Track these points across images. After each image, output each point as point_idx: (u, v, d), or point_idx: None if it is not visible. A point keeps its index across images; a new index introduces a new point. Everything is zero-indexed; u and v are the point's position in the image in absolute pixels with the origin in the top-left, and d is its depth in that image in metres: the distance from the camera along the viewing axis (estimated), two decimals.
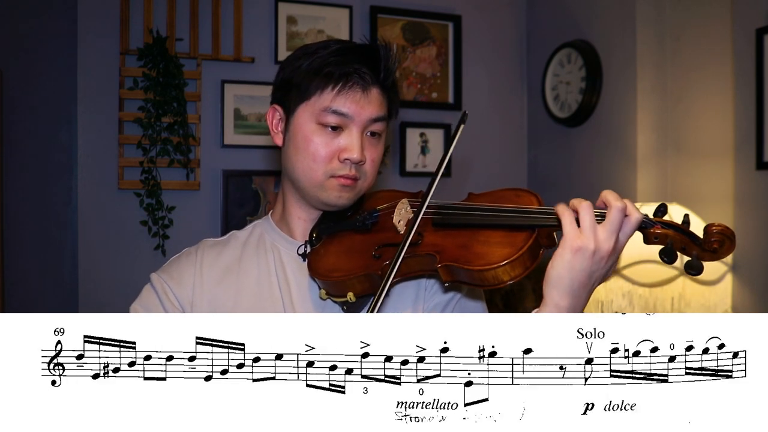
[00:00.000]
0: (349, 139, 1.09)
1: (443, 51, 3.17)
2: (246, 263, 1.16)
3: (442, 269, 0.97)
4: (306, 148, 1.09)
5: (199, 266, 1.15)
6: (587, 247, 0.88)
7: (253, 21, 2.88)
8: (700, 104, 2.45)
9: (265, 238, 1.20)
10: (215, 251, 1.18)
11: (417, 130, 3.10)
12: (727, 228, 0.91)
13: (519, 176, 3.30)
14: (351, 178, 1.10)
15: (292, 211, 1.18)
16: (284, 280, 1.13)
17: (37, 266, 2.77)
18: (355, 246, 1.09)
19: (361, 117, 1.09)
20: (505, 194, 1.06)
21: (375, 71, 1.10)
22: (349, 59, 1.08)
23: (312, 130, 1.09)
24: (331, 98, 1.07)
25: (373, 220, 1.12)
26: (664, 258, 0.91)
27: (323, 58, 1.08)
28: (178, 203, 2.76)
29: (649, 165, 2.57)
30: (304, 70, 1.09)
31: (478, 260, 0.94)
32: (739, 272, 2.22)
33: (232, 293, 1.12)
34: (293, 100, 1.12)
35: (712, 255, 0.91)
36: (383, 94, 1.12)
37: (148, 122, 2.64)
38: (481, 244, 0.97)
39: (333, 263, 1.07)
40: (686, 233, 0.92)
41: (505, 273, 0.93)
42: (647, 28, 2.58)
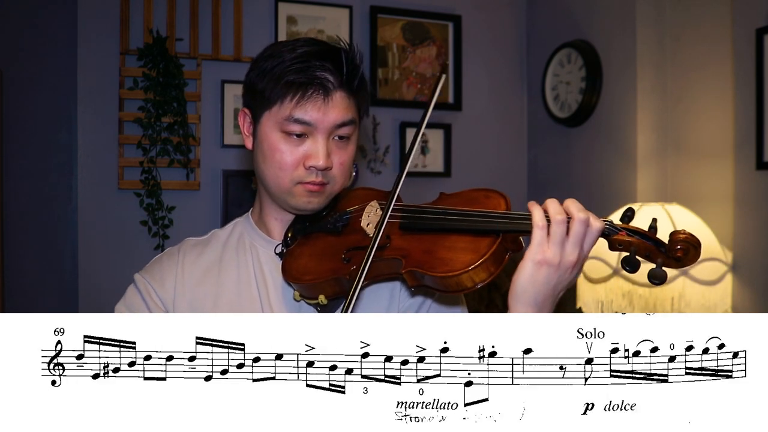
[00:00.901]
0: (313, 147, 1.08)
1: (443, 51, 3.17)
2: (226, 263, 1.17)
3: (407, 274, 0.97)
4: (272, 156, 1.09)
5: (180, 266, 1.16)
6: (553, 261, 0.89)
7: (253, 21, 2.88)
8: (700, 104, 2.45)
9: (245, 237, 1.21)
10: (196, 251, 1.20)
11: None
12: (692, 236, 0.89)
13: (519, 176, 3.30)
14: (318, 184, 1.10)
15: (267, 211, 1.20)
16: (262, 280, 1.14)
17: (37, 266, 2.77)
18: (326, 249, 1.09)
19: (324, 124, 1.08)
20: (474, 195, 1.06)
21: (338, 75, 1.08)
22: (310, 66, 1.07)
23: (277, 138, 1.09)
24: (292, 107, 1.06)
25: (343, 222, 1.12)
26: (625, 267, 0.89)
27: (284, 65, 1.07)
28: (178, 203, 2.76)
29: (649, 165, 2.57)
30: (267, 76, 1.09)
31: (441, 266, 0.94)
32: (739, 272, 2.22)
33: (212, 293, 1.14)
34: (258, 107, 1.12)
35: (676, 263, 0.90)
36: (349, 97, 1.10)
37: (148, 122, 2.64)
38: (446, 249, 0.96)
39: (304, 266, 1.08)
40: (651, 240, 0.91)
41: (468, 279, 0.93)
42: (647, 28, 2.58)
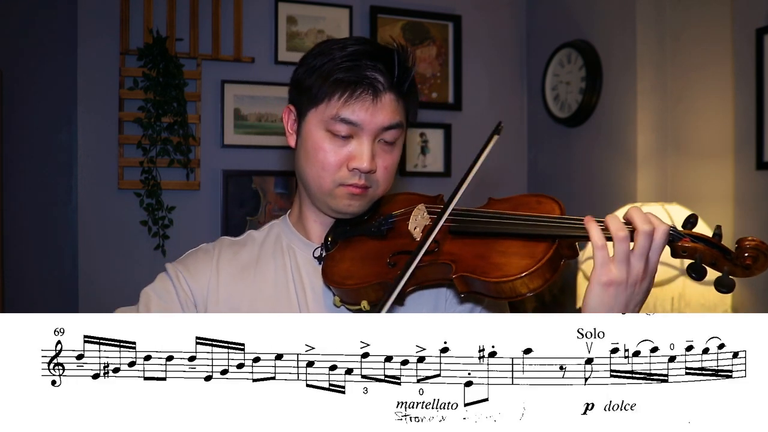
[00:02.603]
0: (358, 148, 1.05)
1: (443, 51, 3.17)
2: (263, 264, 1.14)
3: (457, 279, 0.93)
4: (315, 155, 1.07)
5: (216, 263, 1.13)
6: (620, 280, 0.85)
7: (253, 21, 2.88)
8: (700, 104, 2.45)
9: (281, 239, 1.18)
10: (233, 250, 1.16)
11: (417, 130, 3.10)
12: (763, 243, 0.85)
13: (519, 176, 3.30)
14: (360, 187, 1.07)
15: (307, 213, 1.17)
16: (300, 284, 1.11)
17: (37, 266, 2.77)
18: (370, 253, 1.06)
19: (371, 126, 1.05)
20: (526, 200, 1.02)
21: (388, 77, 1.05)
22: (360, 65, 1.04)
23: (321, 137, 1.06)
24: (339, 106, 1.04)
25: (388, 226, 1.09)
26: (692, 275, 0.87)
27: (334, 63, 1.04)
28: (178, 203, 2.75)
29: (649, 165, 2.57)
30: (315, 73, 1.06)
31: (494, 271, 0.90)
32: None
33: (248, 294, 1.10)
34: (304, 104, 1.09)
35: (744, 271, 0.86)
36: (397, 100, 1.08)
37: (148, 122, 2.64)
38: (499, 254, 0.93)
39: (347, 270, 1.05)
40: (717, 247, 0.87)
41: (523, 285, 0.89)
42: (647, 28, 2.58)
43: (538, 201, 1.01)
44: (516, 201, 1.04)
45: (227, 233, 2.77)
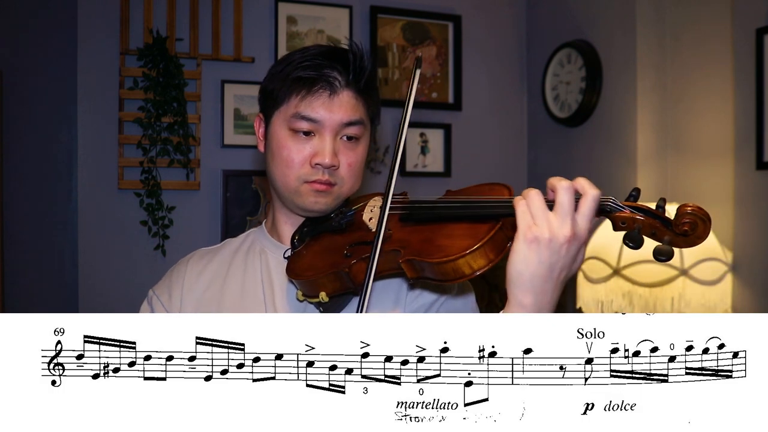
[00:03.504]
0: (320, 144, 1.09)
1: (443, 51, 3.17)
2: (234, 269, 1.19)
3: (405, 264, 0.95)
4: (280, 154, 1.11)
5: (186, 279, 1.19)
6: (542, 236, 0.84)
7: (253, 21, 2.88)
8: (700, 104, 2.45)
9: (256, 244, 1.22)
10: (204, 261, 1.22)
11: (417, 130, 3.10)
12: (701, 209, 0.85)
13: (519, 176, 3.30)
14: (325, 183, 1.10)
15: (279, 216, 1.20)
16: (269, 283, 1.15)
17: (37, 266, 2.77)
18: (330, 246, 1.09)
19: (330, 121, 1.08)
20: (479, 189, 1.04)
21: (345, 75, 1.09)
22: (318, 64, 1.08)
23: (284, 136, 1.10)
24: (298, 103, 1.08)
25: (347, 219, 1.12)
26: (628, 243, 0.84)
27: (293, 65, 1.09)
28: (178, 203, 2.76)
29: (649, 165, 2.57)
30: (277, 77, 1.11)
31: (437, 253, 0.92)
32: (739, 272, 2.22)
33: (216, 300, 1.15)
34: (269, 108, 1.14)
35: (684, 240, 0.86)
36: (357, 97, 1.11)
37: (148, 122, 2.64)
38: (445, 237, 0.95)
39: (307, 263, 1.08)
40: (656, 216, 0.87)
41: (465, 265, 0.90)
42: (647, 28, 2.58)
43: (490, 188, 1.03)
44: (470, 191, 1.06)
45: (227, 233, 2.77)
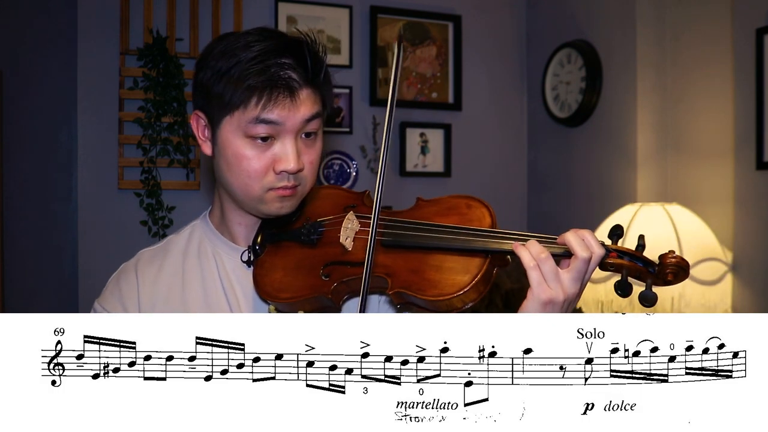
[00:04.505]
0: (282, 150, 1.01)
1: (443, 51, 3.17)
2: (189, 275, 1.10)
3: (393, 295, 0.94)
4: (238, 164, 1.01)
5: (140, 288, 1.10)
6: (557, 298, 0.88)
7: (253, 21, 2.88)
8: (700, 104, 2.45)
9: (205, 244, 1.13)
10: (155, 266, 1.12)
11: (417, 130, 3.10)
12: (682, 259, 0.91)
13: (519, 176, 3.30)
14: (290, 188, 1.03)
15: (230, 215, 1.12)
16: (231, 291, 1.08)
17: (37, 266, 2.77)
18: (302, 262, 1.04)
19: (292, 122, 1.00)
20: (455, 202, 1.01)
21: (301, 72, 1.01)
22: (271, 65, 0.98)
23: (241, 144, 1.01)
24: (258, 111, 0.99)
25: (317, 234, 1.05)
26: (618, 292, 0.90)
27: (242, 67, 0.98)
28: (178, 203, 2.75)
29: (649, 165, 2.57)
30: (224, 78, 1.00)
31: (430, 289, 0.91)
32: (739, 272, 2.22)
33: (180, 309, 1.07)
34: (216, 111, 1.03)
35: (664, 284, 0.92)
36: (315, 92, 1.03)
37: (148, 122, 2.64)
38: (434, 269, 0.94)
39: (279, 281, 1.03)
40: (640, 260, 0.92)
41: (459, 301, 0.91)
42: (647, 28, 2.58)
43: (467, 205, 1.00)
44: (445, 204, 1.02)
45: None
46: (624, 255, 0.92)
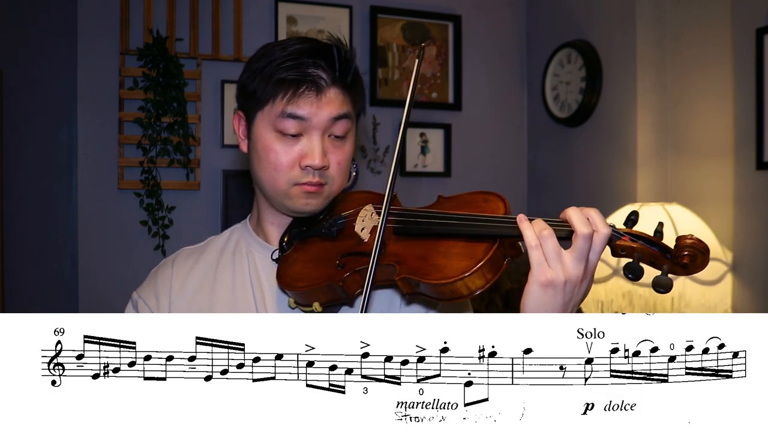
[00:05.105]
0: (308, 145, 1.05)
1: (443, 51, 3.17)
2: (221, 271, 1.15)
3: (400, 281, 0.93)
4: (267, 157, 1.07)
5: (173, 281, 1.15)
6: (557, 279, 0.84)
7: (253, 21, 2.88)
8: (700, 104, 2.45)
9: (241, 244, 1.18)
10: (191, 261, 1.18)
11: (417, 130, 3.10)
12: (700, 241, 0.84)
13: (519, 176, 3.30)
14: (315, 185, 1.07)
15: (264, 216, 1.17)
16: (258, 287, 1.12)
17: (37, 266, 2.77)
18: (321, 254, 1.06)
19: (318, 119, 1.05)
20: (472, 198, 1.01)
21: (330, 72, 1.06)
22: (302, 63, 1.04)
23: (271, 138, 1.06)
24: (284, 105, 1.04)
25: (338, 227, 1.08)
26: (628, 275, 0.85)
27: (276, 64, 1.05)
28: (178, 203, 2.76)
29: (649, 165, 2.57)
30: (258, 76, 1.06)
31: (435, 273, 0.90)
32: (739, 272, 2.22)
33: (207, 302, 1.11)
34: (251, 108, 1.09)
35: (682, 270, 0.85)
36: (344, 93, 1.08)
37: (148, 122, 2.65)
38: (441, 255, 0.92)
39: (298, 272, 1.05)
40: (656, 245, 0.86)
41: (463, 287, 0.88)
42: (647, 28, 2.58)
43: (484, 199, 1.00)
44: (463, 199, 1.03)
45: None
46: (638, 239, 0.87)
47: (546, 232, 0.86)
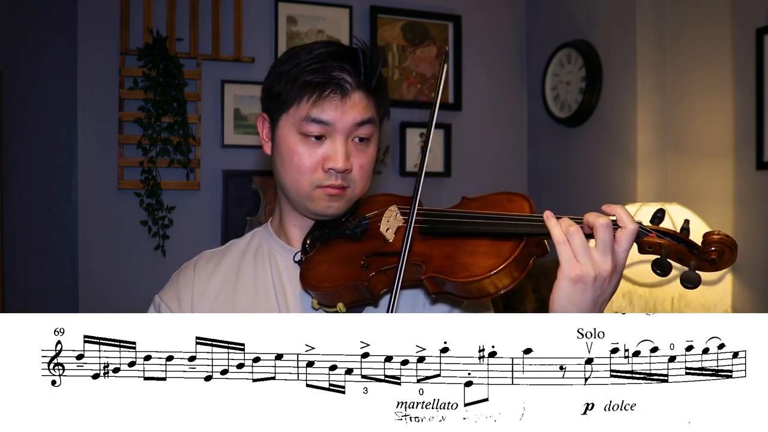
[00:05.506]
0: (332, 148, 1.06)
1: (443, 51, 3.17)
2: (243, 273, 1.16)
3: (427, 280, 0.94)
4: (290, 159, 1.08)
5: (195, 284, 1.15)
6: (587, 274, 0.84)
7: (253, 21, 2.88)
8: (700, 104, 2.45)
9: (263, 246, 1.19)
10: (212, 264, 1.18)
11: (417, 130, 3.10)
12: (728, 237, 0.84)
13: (519, 176, 3.30)
14: (338, 188, 1.07)
15: (287, 218, 1.18)
16: (281, 289, 1.12)
17: (37, 266, 2.77)
18: (345, 255, 1.07)
19: (343, 123, 1.05)
20: (497, 198, 1.02)
21: (355, 76, 1.06)
22: (327, 66, 1.05)
23: (294, 140, 1.07)
24: (309, 107, 1.05)
25: (362, 227, 1.09)
26: (656, 270, 0.85)
27: (301, 67, 1.06)
28: (178, 203, 2.76)
29: (649, 165, 2.57)
30: (283, 78, 1.07)
31: (462, 272, 0.90)
32: (739, 272, 2.22)
33: (229, 305, 1.12)
34: (276, 110, 1.10)
35: (710, 266, 0.86)
36: (368, 97, 1.08)
37: (148, 122, 2.64)
38: (468, 254, 0.93)
39: (323, 273, 1.05)
40: (683, 242, 0.87)
41: (490, 284, 0.89)
42: (647, 28, 2.58)
43: (509, 199, 1.01)
44: (488, 200, 1.03)
45: (227, 233, 2.77)
46: (665, 235, 0.87)
47: (572, 228, 0.87)
